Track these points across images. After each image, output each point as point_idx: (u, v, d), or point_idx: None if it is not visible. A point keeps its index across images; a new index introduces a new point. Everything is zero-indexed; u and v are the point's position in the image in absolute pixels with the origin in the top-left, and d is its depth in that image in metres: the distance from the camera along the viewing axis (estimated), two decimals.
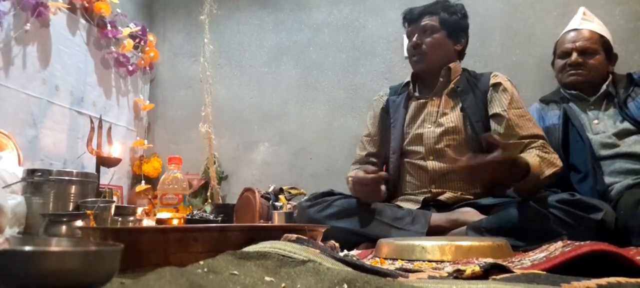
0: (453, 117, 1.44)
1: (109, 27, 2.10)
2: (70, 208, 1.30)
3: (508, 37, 2.00)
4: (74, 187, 1.33)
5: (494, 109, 1.41)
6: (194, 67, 2.41)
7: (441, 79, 1.50)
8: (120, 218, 1.35)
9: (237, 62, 2.40)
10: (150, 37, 2.36)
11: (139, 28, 2.26)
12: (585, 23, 1.65)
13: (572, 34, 1.64)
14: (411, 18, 1.56)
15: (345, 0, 2.26)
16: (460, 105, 1.45)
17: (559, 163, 1.28)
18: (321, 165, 2.18)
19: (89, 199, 1.32)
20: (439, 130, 1.44)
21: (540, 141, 1.33)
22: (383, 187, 1.32)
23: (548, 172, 1.23)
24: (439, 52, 1.50)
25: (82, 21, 2.00)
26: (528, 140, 1.33)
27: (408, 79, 1.60)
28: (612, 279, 0.53)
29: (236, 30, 2.42)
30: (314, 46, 2.29)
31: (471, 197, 1.38)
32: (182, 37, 2.50)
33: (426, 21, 1.51)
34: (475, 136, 1.39)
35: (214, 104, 2.11)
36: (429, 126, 1.47)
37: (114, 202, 1.37)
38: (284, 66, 2.32)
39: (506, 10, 2.02)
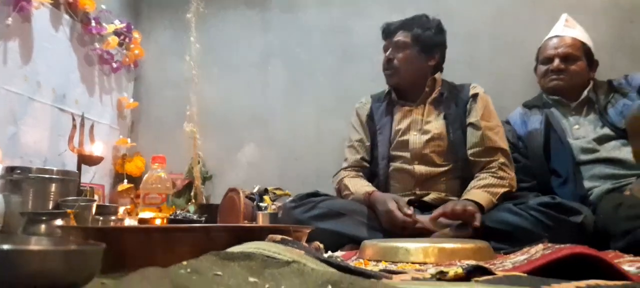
0: (437, 125, 1.52)
1: (93, 24, 2.07)
2: (50, 207, 1.28)
3: (495, 43, 2.02)
4: (54, 185, 1.31)
5: (471, 118, 1.51)
6: (180, 65, 2.36)
7: (427, 89, 1.57)
8: (101, 218, 1.33)
9: (225, 62, 2.38)
10: (136, 35, 2.33)
11: (123, 25, 2.23)
12: (568, 30, 1.68)
13: (554, 40, 1.67)
14: (387, 33, 1.62)
15: (335, 2, 2.26)
16: (443, 113, 1.53)
17: (511, 183, 1.41)
18: (309, 168, 2.17)
19: (70, 198, 1.29)
20: (424, 137, 1.51)
21: (497, 163, 1.42)
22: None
23: (498, 195, 1.35)
24: (410, 67, 1.56)
25: (66, 17, 1.96)
26: (487, 160, 1.44)
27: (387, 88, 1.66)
28: (591, 282, 0.54)
29: (223, 30, 2.40)
30: (302, 48, 2.29)
31: (455, 198, 1.41)
32: (169, 35, 2.47)
33: (399, 37, 1.57)
34: (457, 142, 1.49)
35: (200, 104, 2.08)
36: (415, 133, 1.53)
37: (95, 201, 1.35)
38: (272, 67, 2.31)
39: (494, 16, 2.04)
